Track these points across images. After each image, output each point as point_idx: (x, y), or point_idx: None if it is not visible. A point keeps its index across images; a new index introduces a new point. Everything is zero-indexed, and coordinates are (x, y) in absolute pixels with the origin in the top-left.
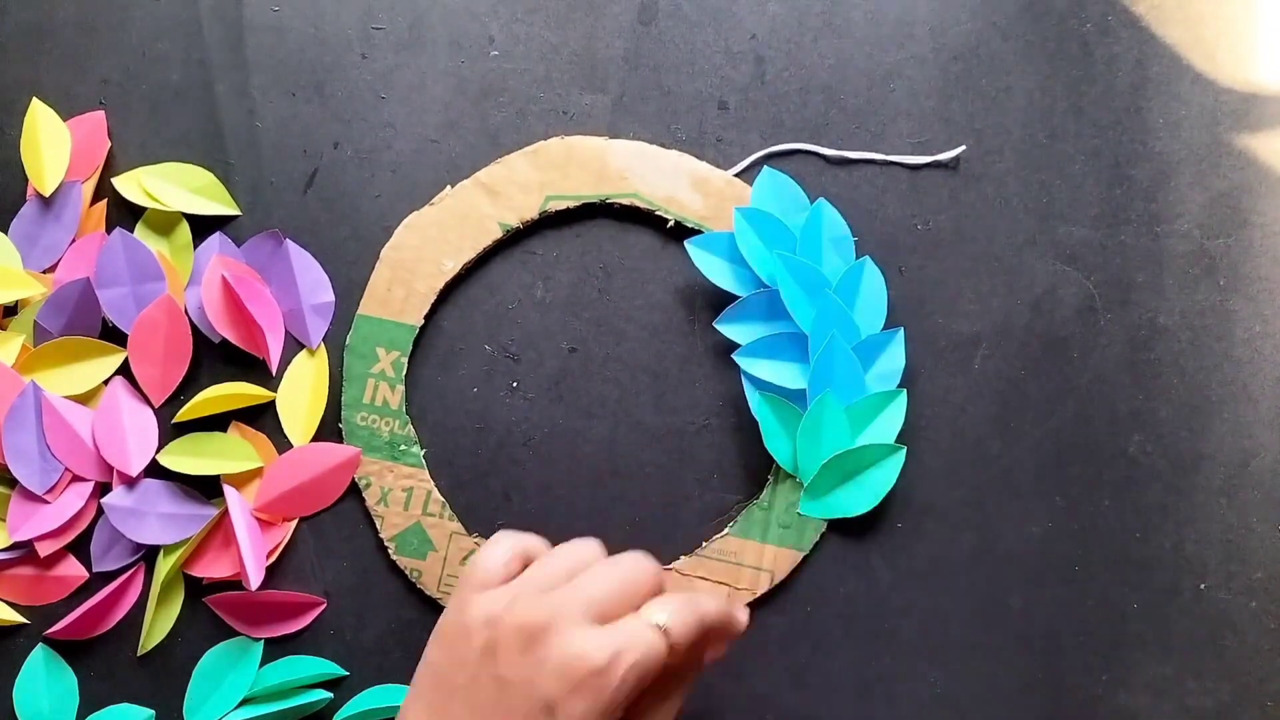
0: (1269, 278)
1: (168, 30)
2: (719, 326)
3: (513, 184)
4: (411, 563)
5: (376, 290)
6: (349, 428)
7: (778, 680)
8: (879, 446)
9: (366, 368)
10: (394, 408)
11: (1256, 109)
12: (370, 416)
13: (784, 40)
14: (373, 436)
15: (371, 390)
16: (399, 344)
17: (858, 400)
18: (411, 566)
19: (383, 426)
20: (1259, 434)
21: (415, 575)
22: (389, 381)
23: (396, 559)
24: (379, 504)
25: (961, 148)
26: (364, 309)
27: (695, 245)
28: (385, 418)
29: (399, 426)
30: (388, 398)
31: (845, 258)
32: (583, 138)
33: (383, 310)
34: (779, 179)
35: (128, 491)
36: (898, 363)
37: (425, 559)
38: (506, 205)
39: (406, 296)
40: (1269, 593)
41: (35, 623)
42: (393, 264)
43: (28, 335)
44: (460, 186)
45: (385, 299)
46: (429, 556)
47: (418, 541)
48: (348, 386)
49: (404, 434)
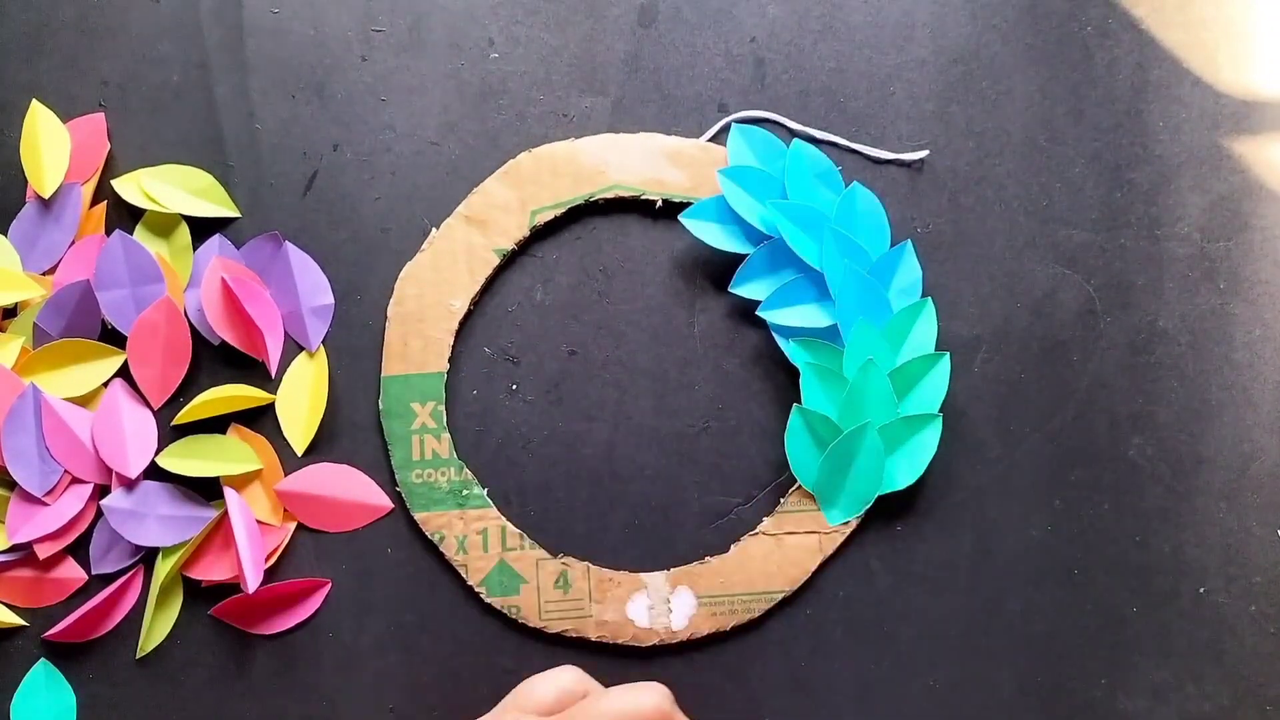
0: (1269, 281)
1: (168, 32)
2: (733, 290)
3: (495, 209)
4: (506, 601)
5: (393, 349)
6: (407, 489)
7: (777, 682)
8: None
9: (407, 427)
10: (445, 457)
11: (1257, 112)
12: (425, 472)
13: (784, 43)
14: (433, 490)
15: (419, 447)
16: (432, 394)
17: (889, 320)
18: (507, 605)
19: (440, 478)
20: (1259, 438)
21: (514, 612)
22: (433, 433)
23: (491, 601)
24: (458, 553)
25: (924, 152)
26: (387, 370)
27: (689, 217)
28: (440, 469)
29: (455, 473)
30: (436, 449)
31: (835, 189)
32: (548, 145)
33: (405, 367)
34: (751, 132)
35: (127, 493)
36: (915, 274)
37: (519, 593)
38: (496, 231)
39: (425, 346)
40: (1269, 597)
41: (34, 625)
42: (402, 319)
43: (27, 337)
44: (445, 225)
45: (404, 354)
46: (522, 590)
47: (506, 579)
48: (394, 450)
49: (462, 479)
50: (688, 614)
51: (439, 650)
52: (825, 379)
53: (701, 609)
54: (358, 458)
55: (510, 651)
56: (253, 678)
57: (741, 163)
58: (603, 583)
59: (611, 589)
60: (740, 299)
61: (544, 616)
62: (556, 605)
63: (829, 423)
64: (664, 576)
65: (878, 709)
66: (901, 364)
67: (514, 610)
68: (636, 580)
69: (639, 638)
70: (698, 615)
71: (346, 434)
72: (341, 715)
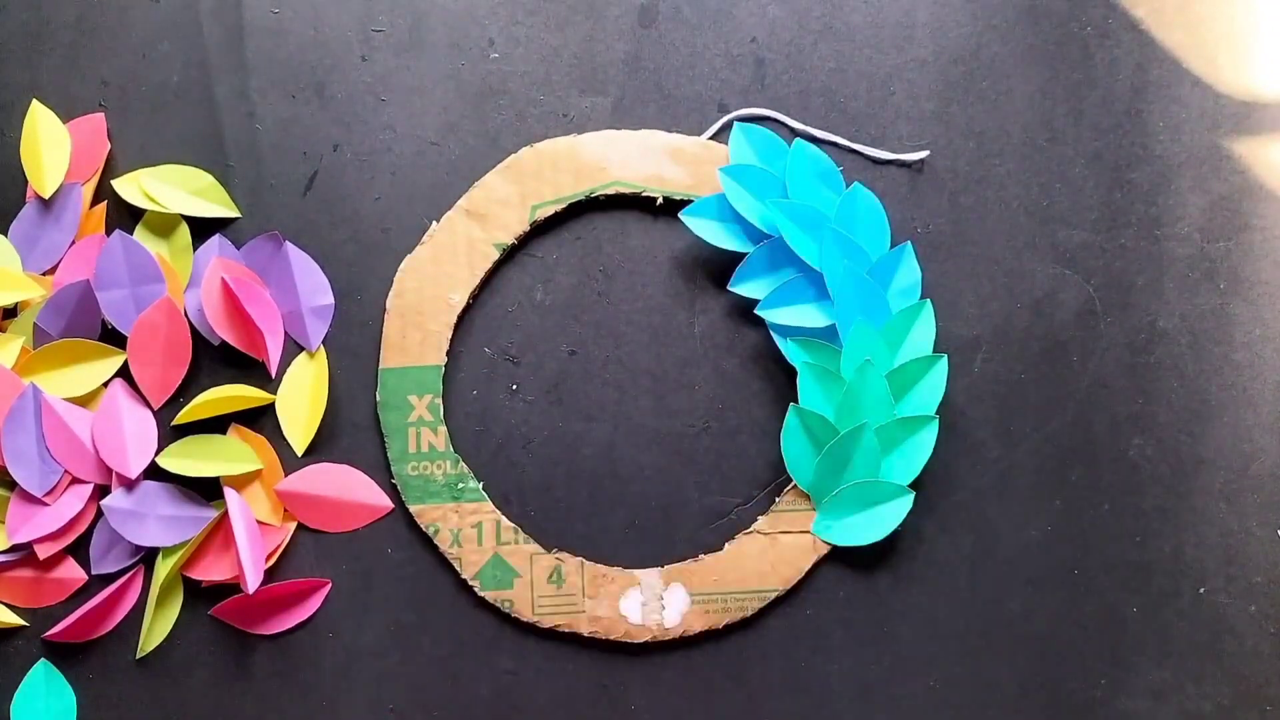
0: (1269, 281)
1: (168, 32)
2: (733, 288)
3: (495, 203)
4: (499, 594)
5: (391, 341)
6: (403, 481)
7: (776, 682)
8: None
9: (404, 419)
10: (441, 450)
11: (1257, 113)
12: (421, 464)
13: (784, 43)
14: (428, 483)
15: (415, 439)
16: (429, 387)
17: (887, 321)
18: (501, 599)
19: (435, 471)
20: (1259, 438)
21: (507, 606)
22: (429, 426)
23: (484, 595)
24: (453, 546)
25: (925, 152)
26: (385, 363)
27: (689, 215)
28: (436, 461)
29: (451, 466)
30: (432, 442)
31: (835, 189)
32: (550, 141)
33: (404, 359)
34: (753, 131)
35: (127, 494)
36: (914, 276)
37: (512, 588)
38: (495, 225)
39: (423, 339)
40: (1269, 596)
41: (34, 625)
42: (401, 311)
43: (27, 337)
44: (446, 219)
45: (403, 347)
46: (515, 584)
47: (500, 573)
48: (390, 442)
49: (458, 473)
50: (681, 611)
51: (439, 650)
52: (823, 379)
53: (695, 606)
54: (357, 458)
55: (509, 651)
56: (253, 678)
57: (743, 161)
58: (596, 578)
59: (605, 585)
60: (740, 298)
61: (537, 611)
62: (550, 600)
63: (825, 423)
64: (657, 573)
65: (878, 709)
66: (899, 365)
67: (507, 604)
68: (630, 576)
69: (631, 634)
70: (691, 612)
71: (346, 434)
72: (341, 715)
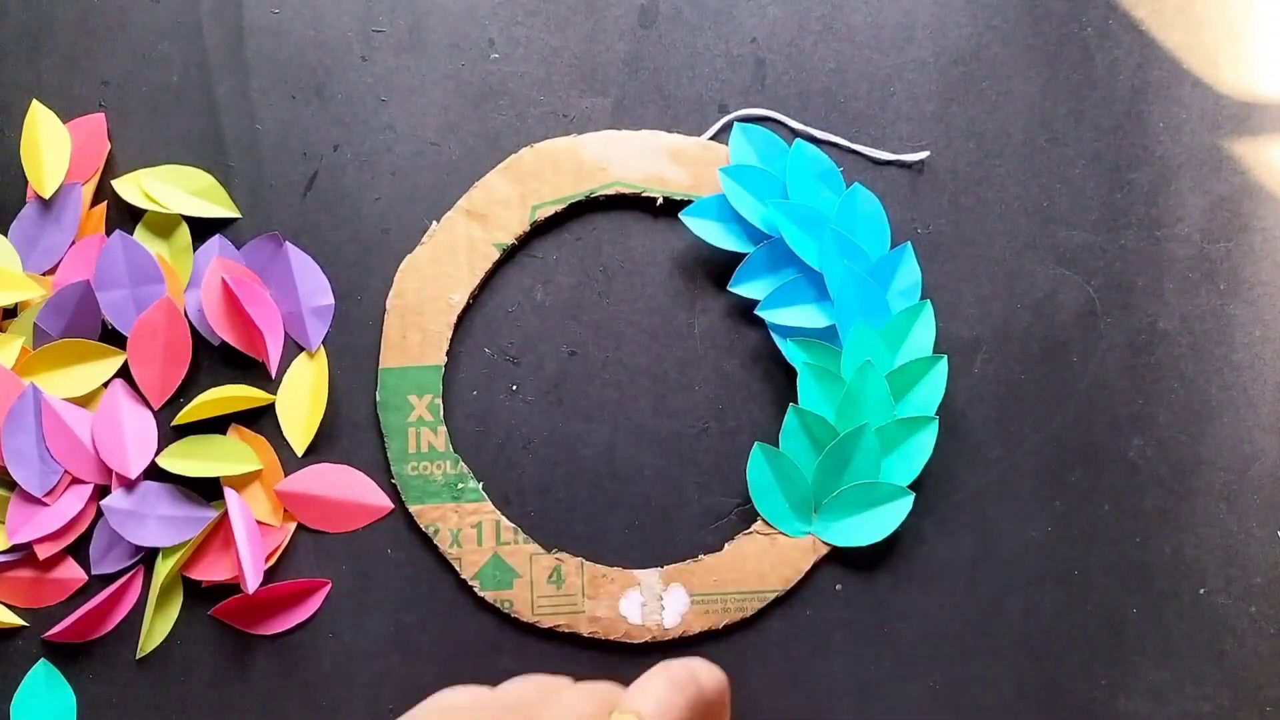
0: (1269, 282)
1: (168, 32)
2: (733, 289)
3: (496, 203)
4: (499, 594)
5: (391, 341)
6: (402, 482)
7: (776, 683)
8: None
9: (403, 419)
10: (441, 450)
11: (1257, 113)
12: (420, 464)
13: (784, 44)
14: (428, 484)
15: (414, 439)
16: (429, 387)
17: (887, 322)
18: (500, 599)
19: (435, 471)
20: (1259, 439)
21: (507, 606)
22: (429, 426)
23: (484, 595)
24: (452, 546)
25: (925, 153)
26: (385, 363)
27: (689, 215)
28: (436, 461)
29: (451, 466)
30: (432, 442)
31: (836, 189)
32: (550, 141)
33: (403, 359)
34: (753, 131)
35: (127, 494)
36: (914, 276)
37: (512, 588)
38: (496, 225)
39: (423, 339)
40: (1268, 598)
41: (34, 625)
42: (401, 311)
43: (27, 338)
44: (446, 219)
45: (402, 347)
46: (515, 584)
47: (500, 573)
48: (390, 442)
49: (458, 473)
50: (680, 611)
51: (439, 650)
52: (823, 380)
53: (694, 607)
54: (357, 458)
55: (510, 651)
56: (253, 678)
57: (743, 161)
58: (596, 579)
59: (604, 585)
60: (740, 298)
61: (536, 611)
62: (549, 600)
63: (825, 423)
64: (657, 574)
65: (878, 709)
66: (899, 366)
67: (506, 604)
68: (630, 577)
69: (631, 634)
70: (690, 613)
71: (346, 434)
72: (341, 715)
